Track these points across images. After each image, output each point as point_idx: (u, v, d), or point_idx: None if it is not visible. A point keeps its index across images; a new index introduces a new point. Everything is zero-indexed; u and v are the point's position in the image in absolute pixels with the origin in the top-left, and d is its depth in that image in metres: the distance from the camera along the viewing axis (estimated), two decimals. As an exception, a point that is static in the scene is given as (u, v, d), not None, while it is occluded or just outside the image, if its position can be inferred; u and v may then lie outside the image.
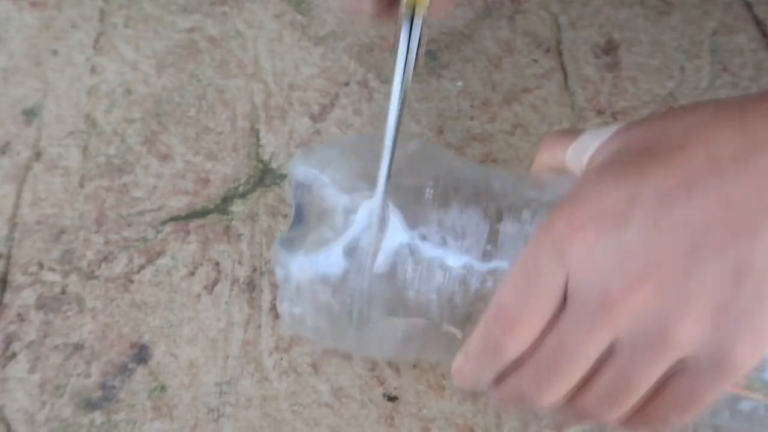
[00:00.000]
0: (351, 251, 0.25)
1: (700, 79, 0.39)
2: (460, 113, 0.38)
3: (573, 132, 0.27)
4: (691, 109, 0.23)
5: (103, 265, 0.34)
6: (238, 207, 0.36)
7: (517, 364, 0.23)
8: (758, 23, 0.41)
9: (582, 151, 0.25)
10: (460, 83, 0.39)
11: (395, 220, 0.25)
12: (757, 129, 0.21)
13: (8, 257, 0.34)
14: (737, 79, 0.39)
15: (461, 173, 0.27)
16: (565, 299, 0.22)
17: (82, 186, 0.36)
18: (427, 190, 0.26)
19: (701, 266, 0.20)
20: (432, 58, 0.40)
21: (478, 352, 0.24)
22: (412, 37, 0.24)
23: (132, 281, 0.34)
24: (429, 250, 0.25)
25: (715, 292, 0.20)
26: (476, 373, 0.24)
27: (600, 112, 0.38)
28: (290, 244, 0.27)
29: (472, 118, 0.38)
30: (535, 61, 0.40)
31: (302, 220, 0.28)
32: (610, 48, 0.40)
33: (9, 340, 0.32)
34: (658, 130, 0.23)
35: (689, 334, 0.21)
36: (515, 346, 0.23)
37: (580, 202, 0.22)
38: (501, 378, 0.24)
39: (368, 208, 0.25)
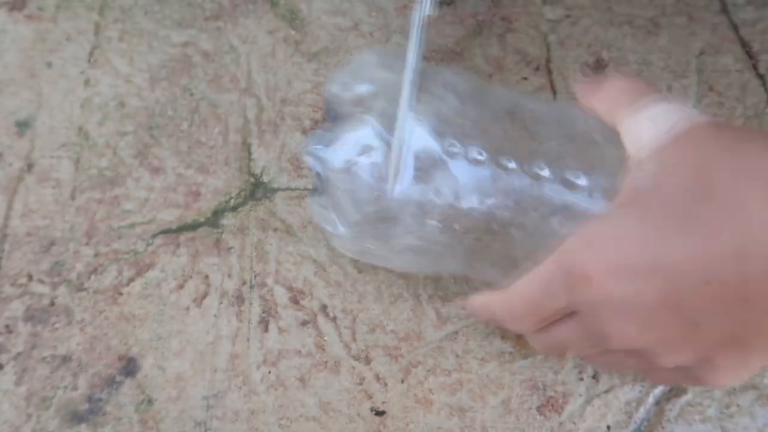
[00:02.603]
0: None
1: (687, 98, 0.40)
2: (451, 129, 0.39)
3: (638, 91, 0.26)
4: (751, 167, 0.21)
5: (93, 277, 0.34)
6: (228, 220, 0.36)
7: None
8: (744, 44, 0.42)
9: (635, 138, 0.25)
10: (450, 100, 0.40)
11: (424, 125, 0.27)
12: None
13: (-3, 268, 0.34)
14: (723, 99, 0.40)
15: (496, 92, 0.29)
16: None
17: (73, 198, 0.37)
18: (460, 108, 0.28)
19: (698, 336, 0.22)
20: (423, 75, 0.40)
21: (485, 316, 0.28)
22: None
23: (121, 293, 0.34)
24: (456, 155, 0.27)
25: (705, 350, 0.22)
26: (481, 318, 0.29)
27: (588, 130, 0.39)
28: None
29: (462, 135, 0.39)
30: (525, 78, 0.40)
31: (335, 119, 0.30)
32: (598, 67, 0.41)
33: (-4, 351, 0.32)
34: (706, 182, 0.22)
35: (674, 364, 0.23)
36: (515, 330, 0.27)
37: (602, 249, 0.22)
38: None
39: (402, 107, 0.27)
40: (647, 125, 0.25)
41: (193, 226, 0.36)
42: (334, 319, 0.33)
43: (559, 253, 0.24)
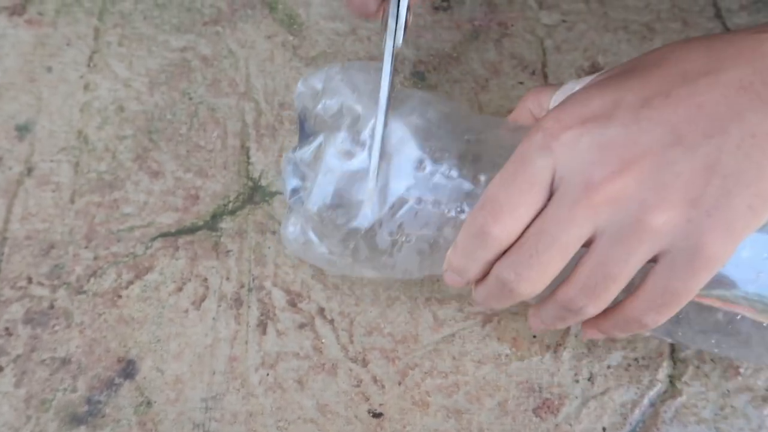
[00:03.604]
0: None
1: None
2: (447, 133, 0.39)
3: (556, 85, 0.29)
4: (663, 45, 0.26)
5: (92, 280, 0.35)
6: (227, 224, 0.36)
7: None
8: (738, 49, 0.42)
9: (566, 95, 0.27)
10: (447, 104, 0.40)
11: (404, 135, 0.28)
12: (722, 49, 0.23)
13: (-3, 271, 0.35)
14: (717, 103, 0.40)
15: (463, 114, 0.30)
16: (551, 195, 0.23)
17: (72, 201, 0.37)
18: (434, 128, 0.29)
19: (676, 160, 0.22)
20: (420, 79, 0.41)
21: (465, 240, 0.25)
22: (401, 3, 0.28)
23: (120, 296, 0.34)
24: (437, 168, 0.28)
25: (688, 186, 0.22)
26: (464, 264, 0.26)
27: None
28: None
29: (458, 139, 0.39)
30: (521, 83, 0.41)
31: (309, 134, 0.30)
32: (594, 71, 0.41)
33: (-4, 354, 0.33)
34: (635, 60, 0.25)
35: (664, 223, 0.22)
36: (499, 233, 0.24)
37: (569, 106, 0.24)
38: (486, 273, 0.26)
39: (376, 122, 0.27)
40: (574, 84, 0.27)
41: (192, 230, 0.36)
42: (331, 321, 0.34)
43: (530, 129, 0.24)
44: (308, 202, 0.28)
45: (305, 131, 0.30)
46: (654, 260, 0.23)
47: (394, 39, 0.28)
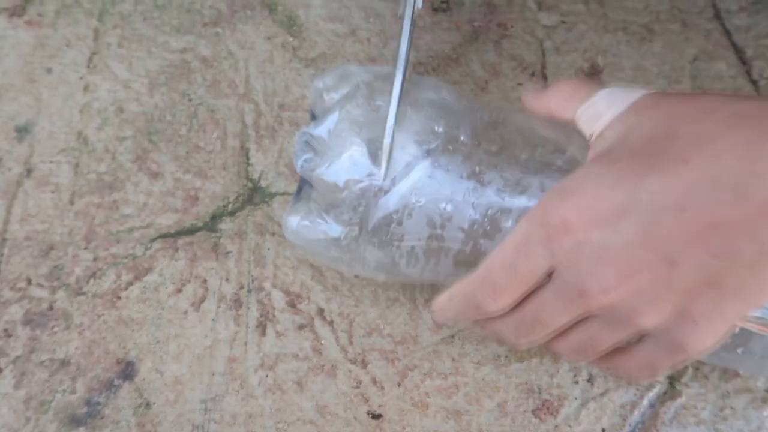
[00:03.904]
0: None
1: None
2: (447, 135, 0.39)
3: (588, 87, 0.27)
4: (709, 109, 0.23)
5: (92, 281, 0.35)
6: (226, 225, 0.36)
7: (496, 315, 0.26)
8: (737, 50, 0.42)
9: (593, 118, 0.26)
10: (447, 105, 0.40)
11: (408, 136, 0.28)
12: (758, 157, 0.20)
13: (-3, 273, 0.35)
14: (717, 105, 0.40)
15: (474, 109, 0.30)
16: (549, 273, 0.24)
17: (72, 202, 0.37)
18: (442, 122, 0.29)
19: (675, 278, 0.22)
20: (420, 81, 0.41)
21: (460, 303, 0.26)
22: None
23: (119, 297, 0.34)
24: (439, 170, 0.28)
25: (682, 298, 0.22)
26: (455, 317, 0.27)
27: (583, 135, 0.39)
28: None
29: (458, 140, 0.39)
30: (521, 84, 0.41)
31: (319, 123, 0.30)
32: (593, 72, 0.41)
33: (-5, 355, 0.33)
34: (670, 127, 0.23)
35: (653, 322, 0.23)
36: (494, 308, 0.25)
37: (578, 197, 0.23)
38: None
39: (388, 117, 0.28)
40: (604, 105, 0.25)
41: (192, 231, 0.36)
42: (331, 322, 0.34)
43: (535, 209, 0.24)
44: (322, 166, 0.29)
45: (316, 117, 0.31)
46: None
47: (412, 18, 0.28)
